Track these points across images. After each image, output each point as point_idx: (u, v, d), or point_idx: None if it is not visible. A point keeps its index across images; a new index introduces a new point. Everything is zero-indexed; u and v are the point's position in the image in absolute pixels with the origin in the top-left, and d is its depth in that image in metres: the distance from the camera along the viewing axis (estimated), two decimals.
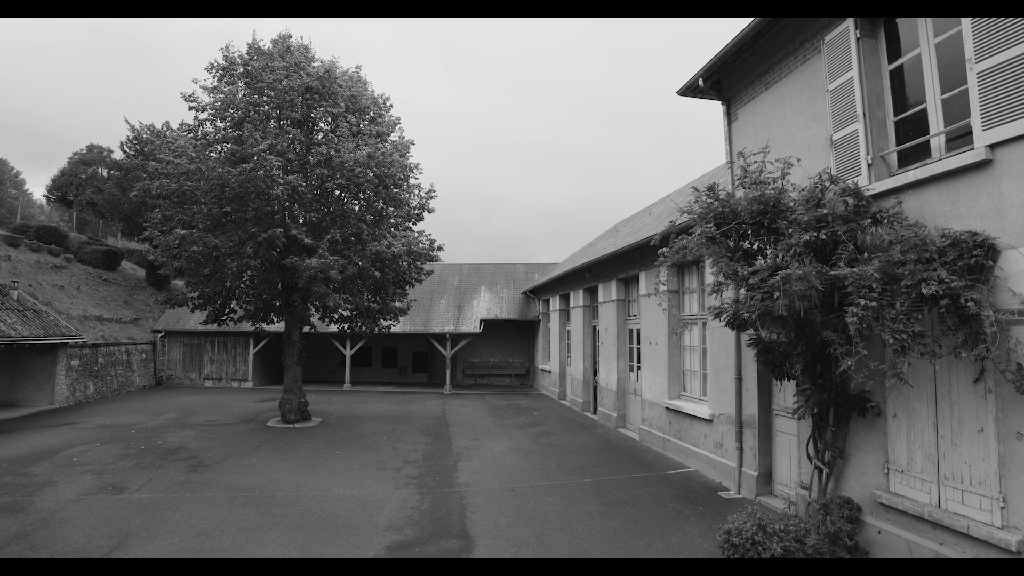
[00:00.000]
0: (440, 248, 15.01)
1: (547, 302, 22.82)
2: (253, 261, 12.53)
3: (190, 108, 13.66)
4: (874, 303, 5.18)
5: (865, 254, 5.72)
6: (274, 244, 12.62)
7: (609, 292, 14.85)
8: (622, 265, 13.94)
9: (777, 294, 6.10)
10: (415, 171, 15.02)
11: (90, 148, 48.97)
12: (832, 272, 5.61)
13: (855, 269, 5.52)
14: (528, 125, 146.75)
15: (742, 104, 9.32)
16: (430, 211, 15.27)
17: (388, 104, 15.34)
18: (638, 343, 13.43)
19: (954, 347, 5.12)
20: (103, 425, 14.38)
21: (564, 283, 19.57)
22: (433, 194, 15.33)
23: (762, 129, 8.66)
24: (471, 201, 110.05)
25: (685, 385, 11.50)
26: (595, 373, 16.69)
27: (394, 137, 15.04)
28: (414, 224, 15.22)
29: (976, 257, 5.06)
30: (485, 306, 24.82)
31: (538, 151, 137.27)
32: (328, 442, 12.78)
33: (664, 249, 7.06)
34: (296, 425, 14.62)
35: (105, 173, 45.75)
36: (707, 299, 9.18)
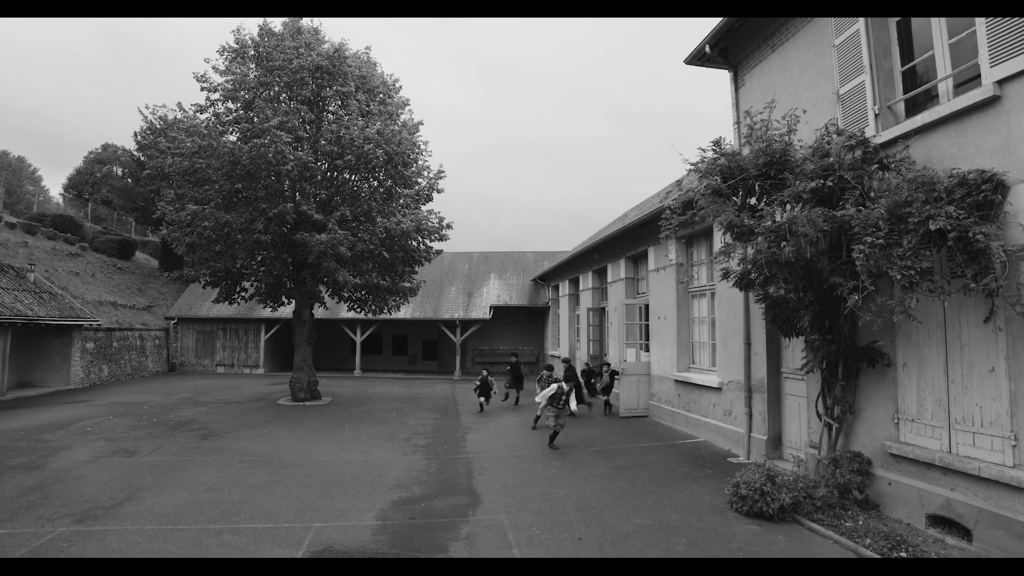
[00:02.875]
0: (449, 226, 15.04)
1: (556, 288, 22.81)
2: (264, 237, 12.63)
3: (202, 89, 13.81)
4: (881, 240, 5.14)
5: (872, 195, 5.67)
6: (284, 220, 12.72)
7: (618, 271, 14.81)
8: (631, 242, 13.90)
9: (784, 243, 6.09)
10: (424, 152, 15.08)
11: (105, 147, 49.64)
12: (839, 213, 5.56)
13: (862, 210, 5.48)
14: (536, 125, 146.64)
15: (749, 69, 9.26)
16: (439, 191, 15.33)
17: (398, 86, 15.41)
18: (646, 319, 13.38)
19: (963, 285, 5.06)
20: (116, 403, 14.58)
21: (574, 266, 19.55)
22: (442, 174, 15.38)
23: (768, 92, 8.59)
24: (478, 201, 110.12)
25: (694, 357, 11.45)
26: (604, 354, 16.63)
27: (403, 118, 15.11)
28: (424, 204, 15.28)
29: (985, 192, 5.01)
30: (495, 293, 24.84)
31: (545, 151, 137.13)
32: (337, 417, 12.87)
33: (671, 201, 7.02)
34: (306, 403, 14.73)
35: (120, 172, 46.40)
36: (715, 264, 9.14)
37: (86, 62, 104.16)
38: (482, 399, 14.16)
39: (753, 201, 7.05)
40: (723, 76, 9.99)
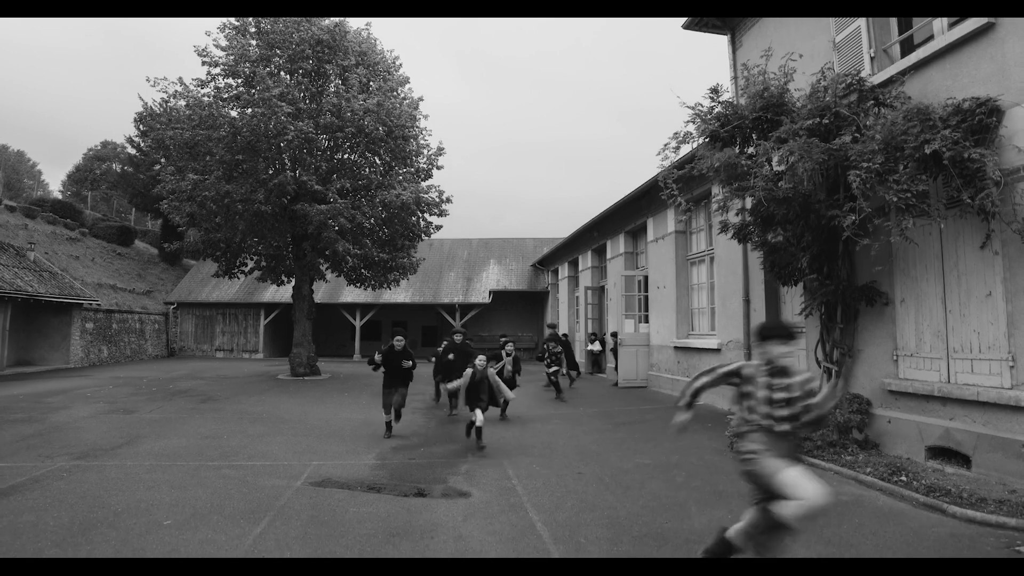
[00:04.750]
0: (449, 200, 15.05)
1: (556, 272, 22.82)
2: (264, 207, 12.63)
3: (203, 63, 13.82)
4: (877, 166, 5.17)
5: (868, 124, 5.69)
6: (285, 190, 12.73)
7: (617, 247, 14.82)
8: (630, 215, 13.91)
9: (781, 182, 6.11)
10: (424, 131, 15.12)
11: (104, 144, 49.67)
12: (835, 143, 5.58)
13: (858, 139, 5.50)
14: (541, 124, 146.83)
15: (746, 30, 9.29)
16: (439, 167, 15.35)
17: (398, 63, 15.42)
18: (645, 292, 13.39)
19: (959, 209, 5.08)
20: (116, 377, 14.58)
21: (573, 247, 19.56)
22: (442, 151, 15.41)
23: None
24: (483, 200, 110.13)
25: (693, 324, 11.46)
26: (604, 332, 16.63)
27: (403, 95, 15.14)
28: (423, 180, 15.31)
29: (980, 116, 5.03)
30: (494, 278, 24.84)
31: (551, 149, 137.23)
32: (336, 388, 12.89)
33: (669, 141, 7.01)
34: (305, 378, 14.72)
35: (119, 169, 46.40)
36: (714, 216, 9.15)
37: (88, 61, 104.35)
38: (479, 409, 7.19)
39: (751, 150, 7.05)
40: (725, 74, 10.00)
